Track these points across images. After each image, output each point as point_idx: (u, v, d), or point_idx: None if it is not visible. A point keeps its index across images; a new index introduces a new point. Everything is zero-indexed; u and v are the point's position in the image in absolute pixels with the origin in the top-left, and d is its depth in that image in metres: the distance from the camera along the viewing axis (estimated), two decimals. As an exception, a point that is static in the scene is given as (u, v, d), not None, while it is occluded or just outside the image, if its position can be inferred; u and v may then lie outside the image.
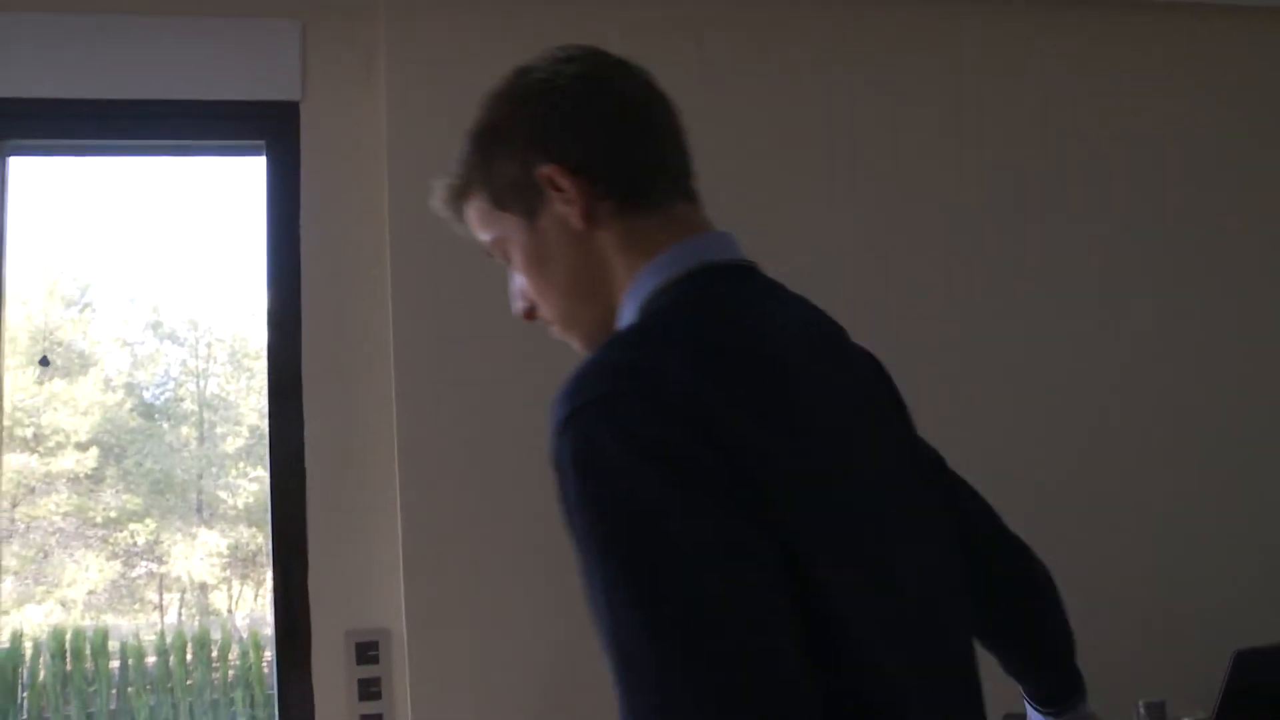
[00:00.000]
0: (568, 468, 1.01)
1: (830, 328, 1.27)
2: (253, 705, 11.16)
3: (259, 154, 3.20)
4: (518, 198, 1.27)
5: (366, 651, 2.76)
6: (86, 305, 13.51)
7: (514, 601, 2.73)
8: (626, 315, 1.21)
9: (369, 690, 2.74)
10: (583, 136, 1.24)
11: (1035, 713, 1.66)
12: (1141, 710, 2.65)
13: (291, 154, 3.08)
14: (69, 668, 11.39)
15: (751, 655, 0.88)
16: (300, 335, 2.87)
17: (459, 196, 1.34)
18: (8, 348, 3.08)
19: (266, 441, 2.83)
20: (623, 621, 0.93)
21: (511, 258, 1.31)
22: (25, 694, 7.85)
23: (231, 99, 3.04)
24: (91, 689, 11.56)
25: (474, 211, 1.33)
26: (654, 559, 0.93)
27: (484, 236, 1.33)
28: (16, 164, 3.00)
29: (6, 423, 12.71)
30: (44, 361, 13.23)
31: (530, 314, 1.34)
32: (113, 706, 11.50)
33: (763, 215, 2.72)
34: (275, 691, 2.77)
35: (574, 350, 1.34)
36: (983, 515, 1.61)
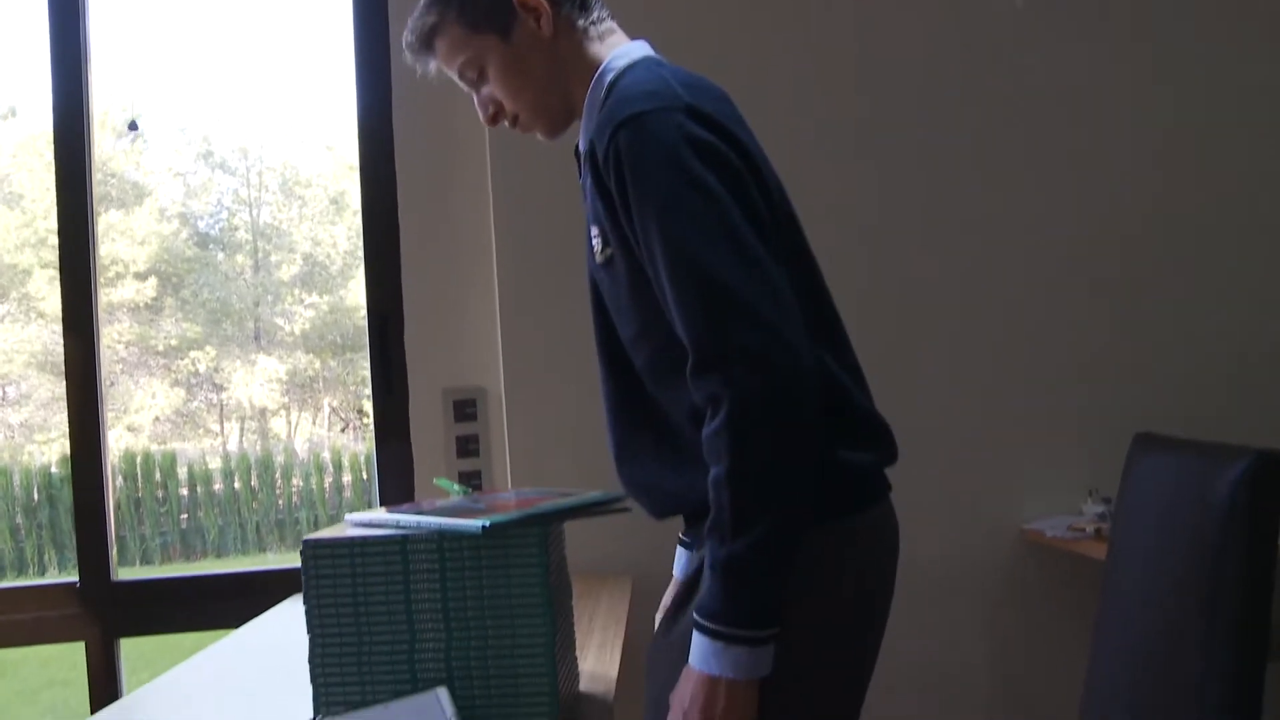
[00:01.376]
0: (641, 151, 1.37)
1: None
2: (316, 524, 11.48)
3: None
4: (493, 20, 1.57)
5: (465, 409, 2.78)
6: (138, 135, 13.50)
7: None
8: (599, 90, 1.54)
9: (467, 447, 2.77)
10: None
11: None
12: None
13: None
14: (140, 491, 11.76)
15: (766, 263, 1.36)
16: (390, 98, 2.79)
17: (433, 34, 1.60)
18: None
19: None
20: (694, 251, 1.34)
21: (485, 73, 1.60)
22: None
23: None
24: (162, 510, 11.93)
25: (446, 43, 1.60)
26: (708, 215, 1.35)
27: (456, 62, 1.61)
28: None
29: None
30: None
31: (495, 119, 1.65)
32: (183, 527, 11.89)
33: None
34: (375, 451, 2.79)
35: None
36: None
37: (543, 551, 1.51)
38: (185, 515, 12.23)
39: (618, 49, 1.59)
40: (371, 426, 2.80)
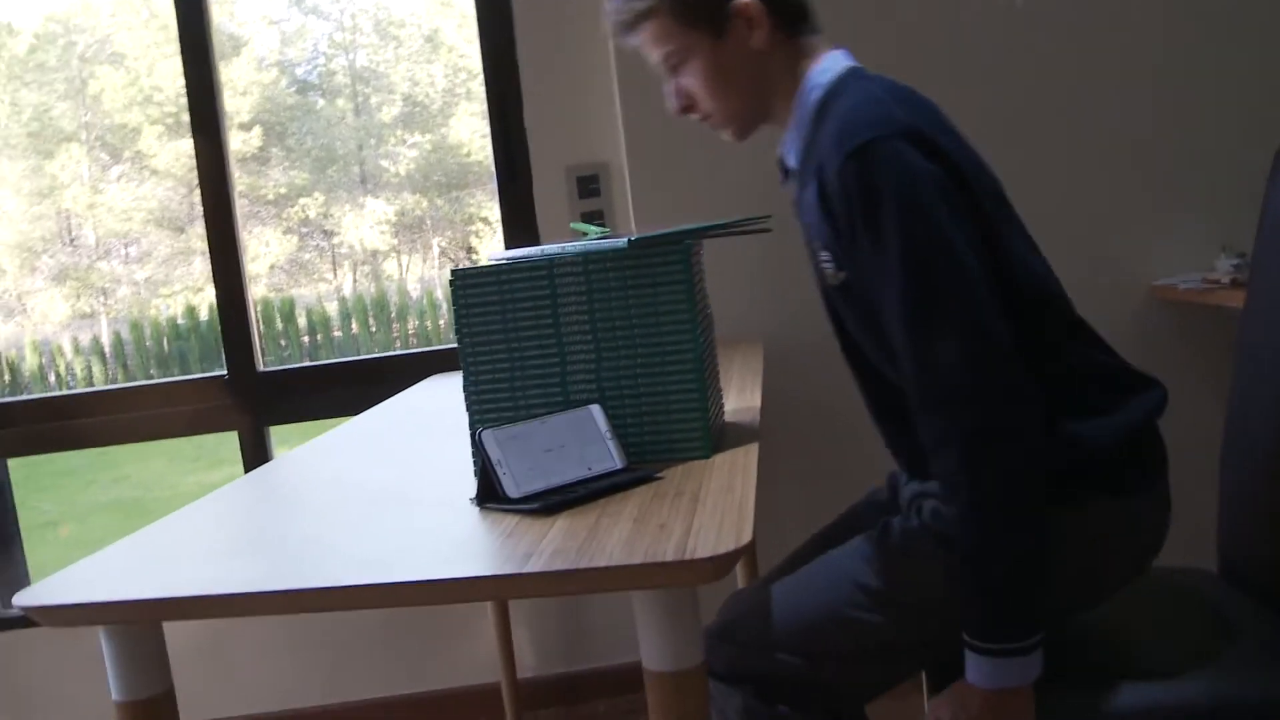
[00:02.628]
0: (870, 185, 1.37)
1: None
2: (434, 363, 11.73)
3: None
4: (706, 19, 1.56)
5: (588, 185, 2.77)
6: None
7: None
8: (804, 105, 1.56)
9: (594, 223, 2.77)
10: None
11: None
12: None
13: None
14: (263, 338, 12.13)
15: (986, 303, 1.37)
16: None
17: (642, 18, 1.59)
18: (162, 36, 2.94)
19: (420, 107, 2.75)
20: (919, 292, 1.36)
21: (685, 67, 1.60)
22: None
23: None
24: (286, 355, 12.30)
25: (654, 30, 1.59)
26: (935, 241, 1.36)
27: (660, 50, 1.60)
28: None
29: (172, 109, 12.84)
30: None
31: (685, 110, 1.64)
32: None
33: None
34: (500, 227, 2.81)
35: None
36: None
37: (687, 267, 1.51)
38: (307, 359, 12.56)
39: (822, 61, 1.58)
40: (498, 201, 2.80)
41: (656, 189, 2.71)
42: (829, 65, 1.57)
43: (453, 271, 1.55)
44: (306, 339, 12.82)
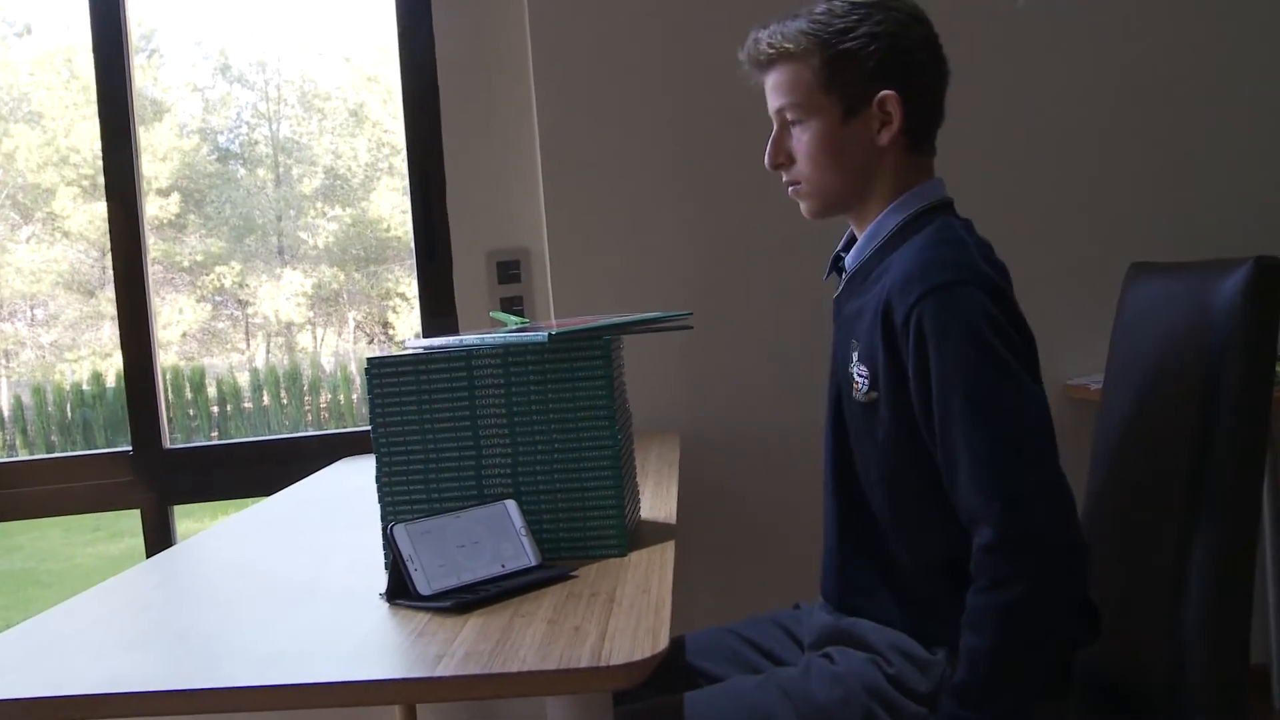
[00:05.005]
0: (947, 323, 1.38)
1: None
2: (346, 437, 11.58)
3: None
4: (845, 96, 1.53)
5: (508, 270, 2.77)
6: (154, 51, 13.41)
7: (654, 219, 2.70)
8: (892, 218, 1.55)
9: (512, 309, 2.76)
10: (923, 80, 1.56)
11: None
12: None
13: None
14: (172, 409, 11.85)
15: (1047, 434, 1.40)
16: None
17: (783, 59, 1.56)
18: (82, 97, 2.95)
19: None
20: (983, 402, 1.37)
21: (801, 126, 1.57)
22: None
23: None
24: (194, 425, 12.03)
25: (789, 77, 1.56)
26: (998, 381, 1.39)
27: (783, 98, 1.57)
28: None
29: (89, 171, 12.64)
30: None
31: (777, 168, 1.62)
32: (215, 438, 12.01)
33: None
34: (419, 310, 2.79)
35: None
36: None
37: (607, 362, 1.51)
38: (215, 432, 12.33)
39: (925, 184, 1.57)
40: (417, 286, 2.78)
41: (577, 277, 2.71)
42: (930, 190, 1.57)
43: (369, 360, 1.53)
44: (216, 409, 12.60)
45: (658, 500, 1.87)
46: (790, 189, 1.63)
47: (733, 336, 2.71)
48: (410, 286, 12.39)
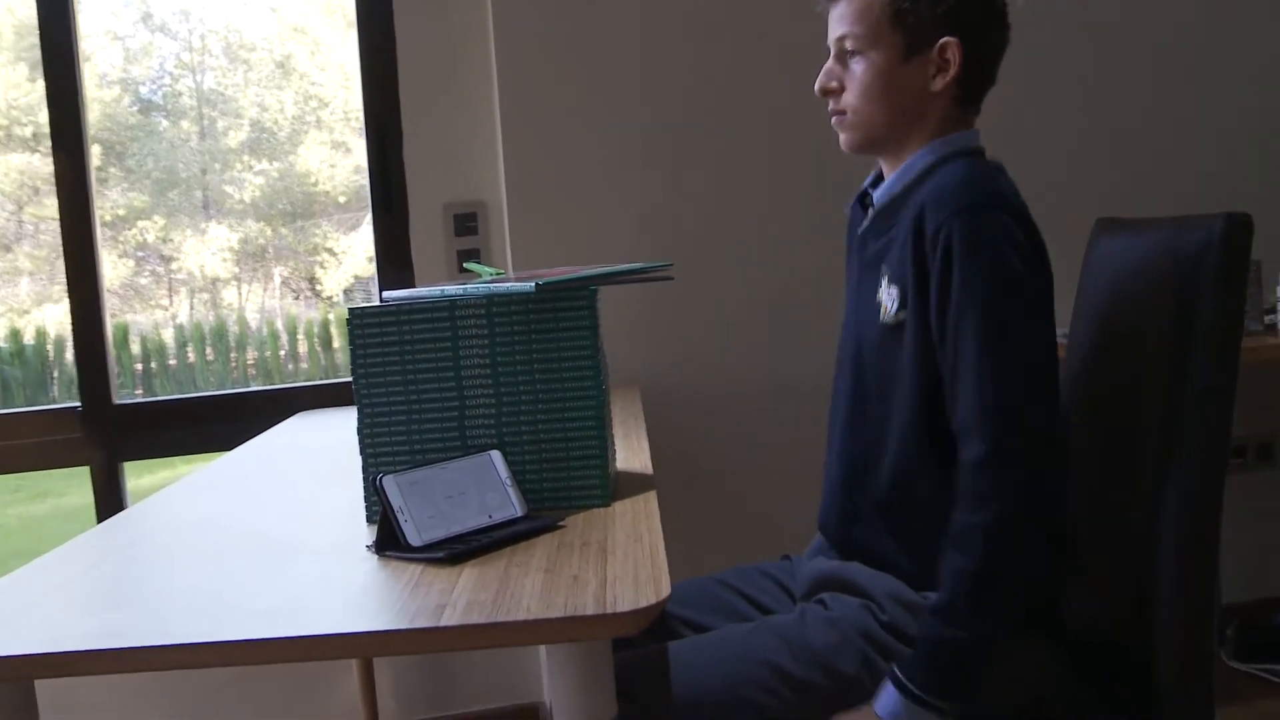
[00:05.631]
0: (974, 242, 1.41)
1: None
2: (275, 394, 11.38)
3: None
4: (911, 34, 1.53)
5: (465, 223, 2.74)
6: (70, -2, 13.03)
7: (613, 173, 2.68)
8: (925, 157, 1.57)
9: (469, 260, 2.73)
10: (986, 37, 1.57)
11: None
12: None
13: None
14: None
15: (1052, 373, 1.43)
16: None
17: None
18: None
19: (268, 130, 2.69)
20: (997, 322, 1.40)
21: (860, 57, 1.57)
22: (55, 387, 7.88)
23: None
24: (118, 384, 11.80)
25: (858, 5, 1.56)
26: (1015, 306, 1.41)
27: (850, 26, 1.57)
28: None
29: (3, 121, 12.38)
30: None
31: (826, 94, 1.62)
32: (140, 395, 11.79)
33: None
34: (375, 262, 2.74)
35: None
36: None
37: (593, 312, 1.50)
38: (140, 389, 12.09)
39: (962, 132, 1.59)
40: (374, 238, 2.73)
41: (535, 230, 2.69)
42: (966, 137, 1.59)
43: (350, 310, 1.51)
44: (140, 366, 12.35)
45: (628, 452, 1.87)
46: (834, 118, 1.64)
47: (692, 292, 2.71)
48: (338, 242, 12.25)
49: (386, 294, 1.64)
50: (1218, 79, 2.93)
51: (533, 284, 1.44)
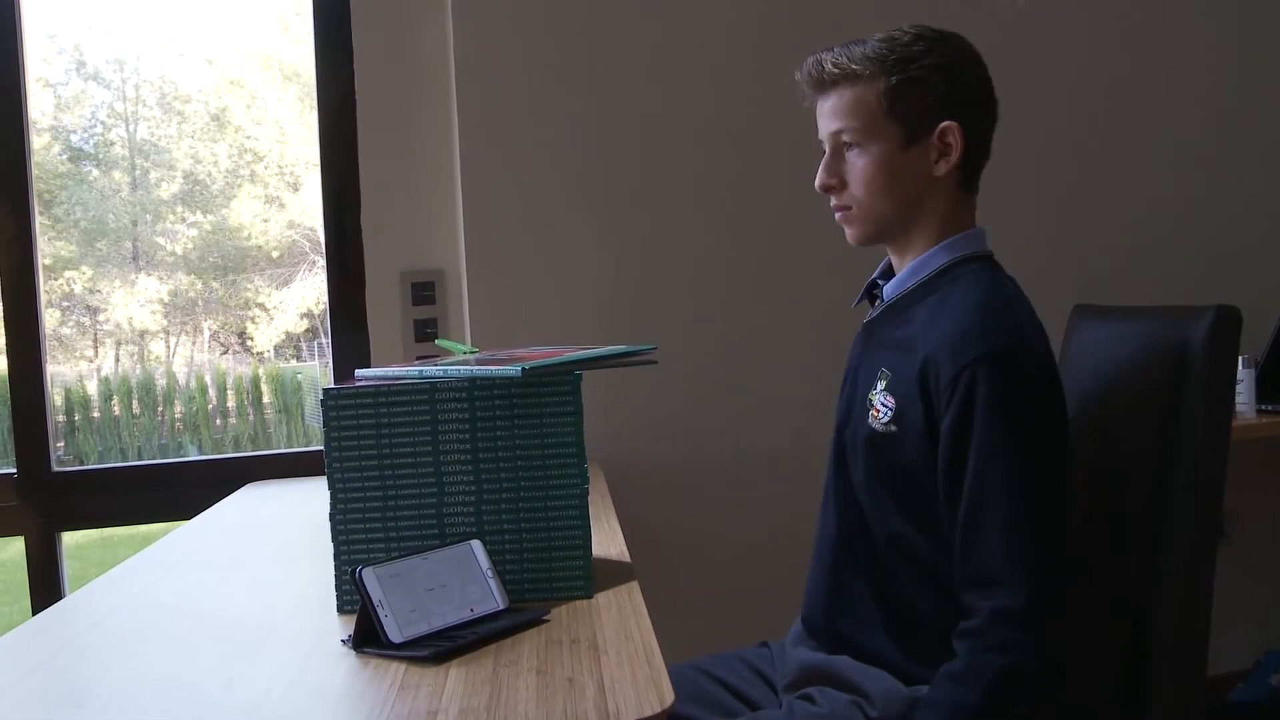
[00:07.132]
0: (999, 395, 1.39)
1: None
2: (201, 448, 11.14)
3: None
4: (908, 123, 1.52)
5: (422, 291, 2.69)
6: (2, 44, 12.78)
7: (575, 244, 2.65)
8: (940, 256, 1.56)
9: (425, 331, 2.68)
10: (982, 116, 1.57)
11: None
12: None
13: None
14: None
15: (1063, 505, 1.40)
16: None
17: (847, 81, 1.54)
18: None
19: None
20: (1025, 476, 1.38)
21: (858, 150, 1.55)
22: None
23: None
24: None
25: (851, 101, 1.54)
26: (1041, 458, 1.40)
27: (842, 120, 1.56)
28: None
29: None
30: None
31: (828, 190, 1.60)
32: (60, 454, 11.45)
33: None
34: (329, 335, 2.68)
35: None
36: None
37: (578, 398, 1.47)
38: (61, 444, 11.79)
39: (972, 231, 1.59)
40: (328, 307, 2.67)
41: (495, 301, 2.64)
42: (977, 238, 1.58)
43: (325, 391, 1.46)
44: (63, 418, 12.04)
45: (601, 536, 1.83)
46: (838, 214, 1.62)
47: (657, 365, 2.68)
48: (270, 297, 12.06)
49: (360, 372, 1.59)
50: (1184, 164, 2.98)
51: (518, 368, 1.41)
